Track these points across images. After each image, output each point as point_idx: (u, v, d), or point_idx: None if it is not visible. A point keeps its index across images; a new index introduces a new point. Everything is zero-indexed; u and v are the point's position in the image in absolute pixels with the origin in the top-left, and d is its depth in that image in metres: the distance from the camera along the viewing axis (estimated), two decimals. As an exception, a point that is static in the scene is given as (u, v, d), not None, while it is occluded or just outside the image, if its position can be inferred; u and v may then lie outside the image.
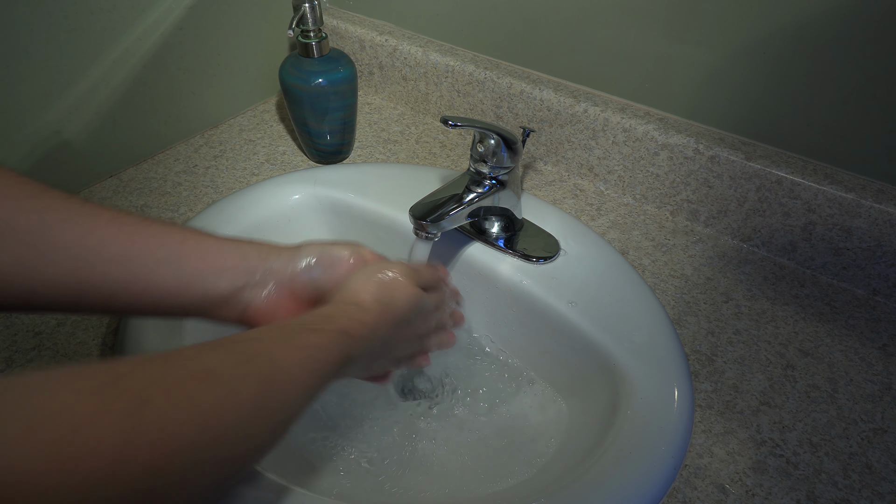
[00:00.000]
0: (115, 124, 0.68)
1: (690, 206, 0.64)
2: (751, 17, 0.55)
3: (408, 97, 0.81)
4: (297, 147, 0.75)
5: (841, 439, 0.46)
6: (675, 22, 0.59)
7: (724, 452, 0.45)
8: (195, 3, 0.70)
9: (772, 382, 0.50)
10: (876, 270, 0.57)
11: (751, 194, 0.60)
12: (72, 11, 0.60)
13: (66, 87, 0.63)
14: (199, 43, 0.72)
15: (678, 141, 0.61)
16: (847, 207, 0.55)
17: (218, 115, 0.79)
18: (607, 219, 0.66)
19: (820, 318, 0.56)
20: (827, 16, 0.52)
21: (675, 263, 0.61)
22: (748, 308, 0.56)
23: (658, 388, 0.47)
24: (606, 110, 0.65)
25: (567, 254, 0.58)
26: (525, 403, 0.57)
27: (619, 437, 0.44)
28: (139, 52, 0.67)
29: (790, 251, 0.60)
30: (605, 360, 0.51)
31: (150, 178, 0.70)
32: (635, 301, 0.54)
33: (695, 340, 0.53)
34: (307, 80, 0.65)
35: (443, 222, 0.51)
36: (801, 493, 0.43)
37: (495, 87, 0.71)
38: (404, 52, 0.77)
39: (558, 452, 0.51)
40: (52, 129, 0.63)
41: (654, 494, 0.42)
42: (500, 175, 0.54)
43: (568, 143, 0.69)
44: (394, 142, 0.76)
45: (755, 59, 0.56)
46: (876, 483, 0.44)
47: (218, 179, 0.70)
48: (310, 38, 0.65)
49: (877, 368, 0.51)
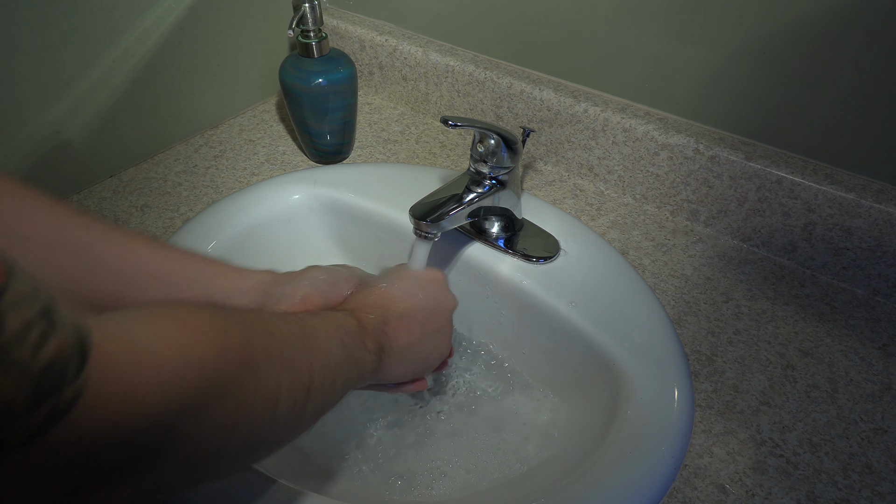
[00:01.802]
0: (115, 124, 0.68)
1: (690, 206, 0.64)
2: (751, 17, 0.55)
3: (408, 97, 0.81)
4: (297, 147, 0.75)
5: (841, 439, 0.46)
6: (675, 22, 0.59)
7: (724, 452, 0.45)
8: (195, 3, 0.70)
9: (772, 382, 0.50)
10: (876, 270, 0.57)
11: (751, 194, 0.60)
12: (72, 11, 0.60)
13: (66, 87, 0.63)
14: (199, 43, 0.72)
15: (678, 141, 0.61)
16: (847, 207, 0.55)
17: (218, 115, 0.79)
18: (607, 219, 0.66)
19: (820, 318, 0.56)
20: (827, 16, 0.52)
21: (675, 263, 0.61)
22: (748, 308, 0.56)
23: (658, 388, 0.47)
24: (606, 110, 0.65)
25: (567, 254, 0.58)
26: (525, 403, 0.57)
27: (619, 437, 0.44)
28: (139, 52, 0.67)
29: (790, 251, 0.60)
30: (604, 360, 0.51)
31: (150, 178, 0.70)
32: (635, 301, 0.54)
33: (695, 340, 0.53)
34: (307, 80, 0.65)
35: (443, 222, 0.51)
36: (801, 493, 0.43)
37: (495, 87, 0.71)
38: (404, 52, 0.77)
39: (558, 452, 0.51)
40: (52, 129, 0.63)
41: (654, 494, 0.42)
42: (500, 175, 0.54)
43: (568, 143, 0.69)
44: (394, 142, 0.76)
45: (755, 59, 0.56)
46: (876, 483, 0.44)
47: (218, 179, 0.70)
48: (310, 38, 0.65)
49: (877, 368, 0.51)
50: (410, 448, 0.54)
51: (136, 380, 0.22)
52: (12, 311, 0.18)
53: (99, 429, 0.20)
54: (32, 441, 0.19)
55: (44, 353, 0.18)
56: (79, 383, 0.19)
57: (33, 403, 0.18)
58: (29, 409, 0.18)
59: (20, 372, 0.18)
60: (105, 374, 0.20)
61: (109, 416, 0.21)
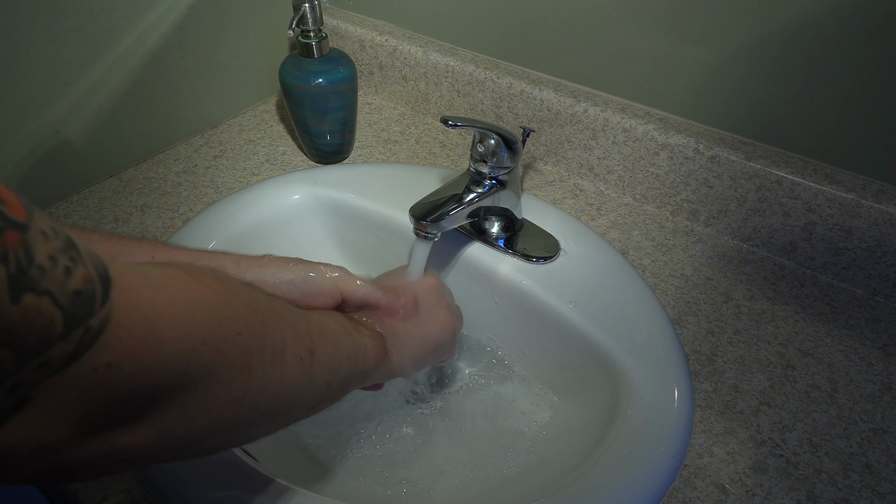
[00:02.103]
0: (115, 124, 0.68)
1: (690, 206, 0.64)
2: (751, 17, 0.55)
3: (408, 97, 0.81)
4: (297, 147, 0.75)
5: (841, 439, 0.46)
6: (675, 22, 0.59)
7: (724, 452, 0.45)
8: (195, 3, 0.70)
9: (772, 382, 0.50)
10: (876, 270, 0.57)
11: (751, 194, 0.60)
12: (72, 11, 0.60)
13: (66, 87, 0.63)
14: (199, 43, 0.72)
15: (678, 141, 0.61)
16: (847, 207, 0.55)
17: (218, 115, 0.79)
18: (607, 219, 0.66)
19: (820, 318, 0.56)
20: (827, 16, 0.52)
21: (675, 263, 0.61)
22: (748, 308, 0.56)
23: (658, 388, 0.47)
24: (606, 110, 0.65)
25: (567, 254, 0.58)
26: (525, 403, 0.57)
27: (619, 437, 0.44)
28: (139, 52, 0.67)
29: (790, 251, 0.60)
30: (604, 360, 0.51)
31: (150, 178, 0.70)
32: (635, 301, 0.54)
33: (695, 340, 0.53)
34: (307, 80, 0.65)
35: (443, 222, 0.51)
36: (801, 493, 0.43)
37: (495, 87, 0.71)
38: (404, 52, 0.77)
39: (558, 453, 0.51)
40: (52, 129, 0.63)
41: (654, 494, 0.42)
42: (500, 175, 0.54)
43: (568, 143, 0.69)
44: (394, 142, 0.76)
45: (755, 59, 0.56)
46: (876, 483, 0.44)
47: (218, 179, 0.70)
48: (310, 38, 0.65)
49: (877, 368, 0.51)
50: (410, 448, 0.54)
51: (154, 311, 0.23)
52: (40, 243, 0.19)
53: (127, 355, 0.22)
54: (70, 364, 0.20)
55: (71, 282, 0.20)
56: (105, 311, 0.21)
57: (67, 329, 0.19)
58: (64, 335, 0.19)
59: (52, 298, 0.19)
60: (127, 304, 0.22)
61: (135, 343, 0.22)
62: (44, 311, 0.19)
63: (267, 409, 0.31)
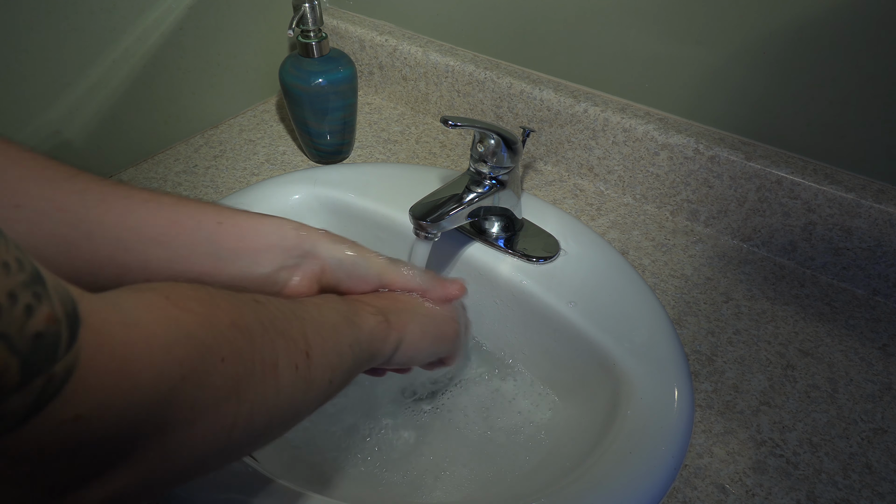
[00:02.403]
0: (115, 124, 0.68)
1: (690, 206, 0.64)
2: (751, 17, 0.55)
3: (408, 97, 0.81)
4: (297, 147, 0.75)
5: (841, 439, 0.46)
6: (675, 22, 0.59)
7: (724, 452, 0.45)
8: (195, 3, 0.70)
9: (772, 382, 0.50)
10: (876, 270, 0.57)
11: (751, 194, 0.60)
12: (72, 11, 0.60)
13: (66, 87, 0.63)
14: (199, 43, 0.72)
15: (678, 141, 0.61)
16: (847, 207, 0.55)
17: (218, 115, 0.79)
18: (607, 219, 0.66)
19: (820, 318, 0.56)
20: (827, 16, 0.52)
21: (675, 263, 0.61)
22: (748, 308, 0.56)
23: (658, 388, 0.47)
24: (606, 110, 0.65)
25: (567, 254, 0.58)
26: (524, 403, 0.57)
27: (619, 437, 0.44)
28: (139, 52, 0.67)
29: (790, 251, 0.60)
30: (604, 360, 0.51)
31: (150, 178, 0.70)
32: (635, 301, 0.54)
33: (695, 340, 0.53)
34: (307, 80, 0.65)
35: (443, 222, 0.51)
36: (801, 493, 0.43)
37: (495, 87, 0.71)
38: (404, 52, 0.77)
39: (558, 453, 0.51)
40: (52, 129, 0.63)
41: (654, 494, 0.42)
42: (500, 175, 0.54)
43: (568, 143, 0.69)
44: (394, 142, 0.76)
45: (755, 59, 0.56)
46: (876, 483, 0.44)
47: (218, 179, 0.70)
48: (310, 38, 0.65)
49: (877, 368, 0.51)
50: (410, 447, 0.54)
51: (129, 351, 0.21)
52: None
53: (98, 404, 0.19)
54: (29, 419, 0.18)
55: (32, 323, 0.17)
56: (72, 355, 0.18)
57: (25, 377, 0.17)
58: (21, 384, 0.17)
59: (8, 343, 0.17)
60: (98, 346, 0.20)
61: (107, 391, 0.20)
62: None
63: (264, 425, 0.30)
